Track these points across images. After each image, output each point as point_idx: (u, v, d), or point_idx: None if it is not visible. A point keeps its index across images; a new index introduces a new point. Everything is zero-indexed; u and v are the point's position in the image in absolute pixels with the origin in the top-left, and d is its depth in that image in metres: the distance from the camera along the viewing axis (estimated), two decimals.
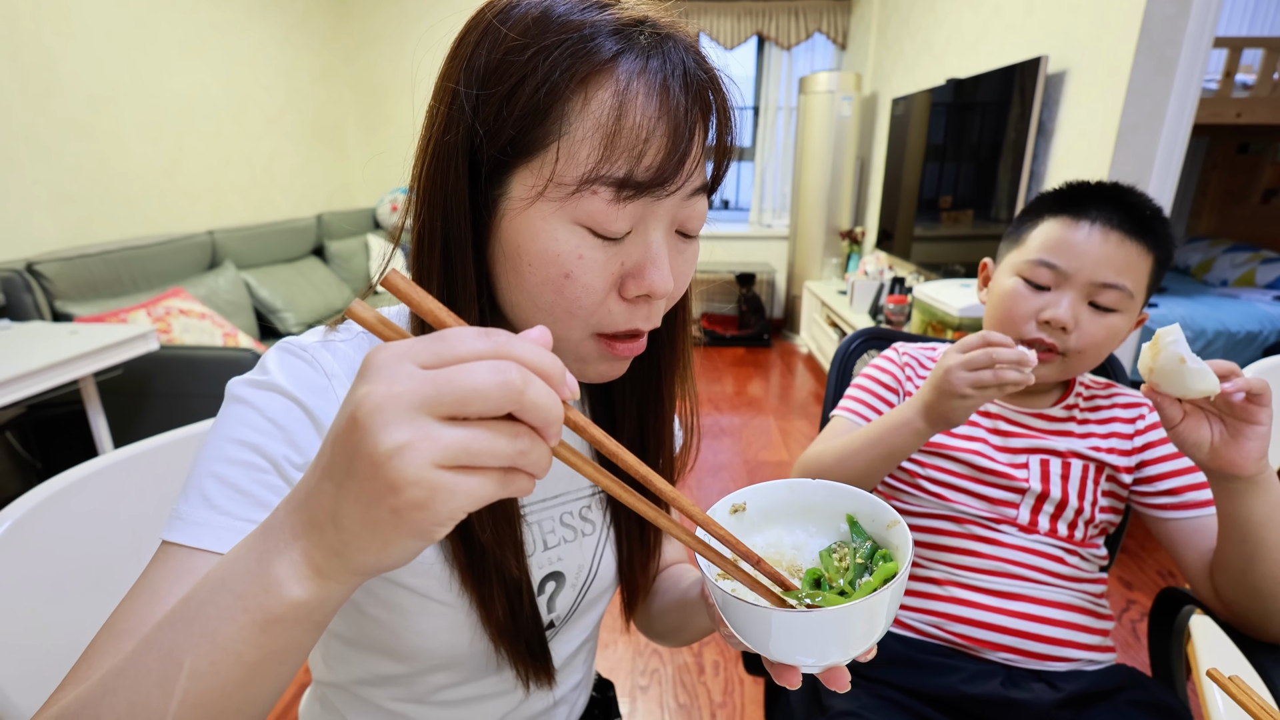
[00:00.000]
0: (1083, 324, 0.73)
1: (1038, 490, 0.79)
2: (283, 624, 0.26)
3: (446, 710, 0.55)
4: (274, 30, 3.41)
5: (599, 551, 0.57)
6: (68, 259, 2.04)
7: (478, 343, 0.24)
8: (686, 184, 0.39)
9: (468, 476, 0.23)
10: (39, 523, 0.57)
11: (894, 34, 3.60)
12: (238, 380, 0.42)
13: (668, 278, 0.40)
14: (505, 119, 0.37)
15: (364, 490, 0.23)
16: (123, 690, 0.27)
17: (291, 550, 0.26)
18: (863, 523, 0.41)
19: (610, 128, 0.36)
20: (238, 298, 2.69)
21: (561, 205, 0.38)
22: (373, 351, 0.24)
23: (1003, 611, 0.76)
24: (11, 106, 2.08)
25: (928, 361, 0.90)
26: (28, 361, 1.39)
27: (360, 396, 0.23)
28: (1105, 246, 0.72)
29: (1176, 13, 1.73)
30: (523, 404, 0.23)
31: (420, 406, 0.22)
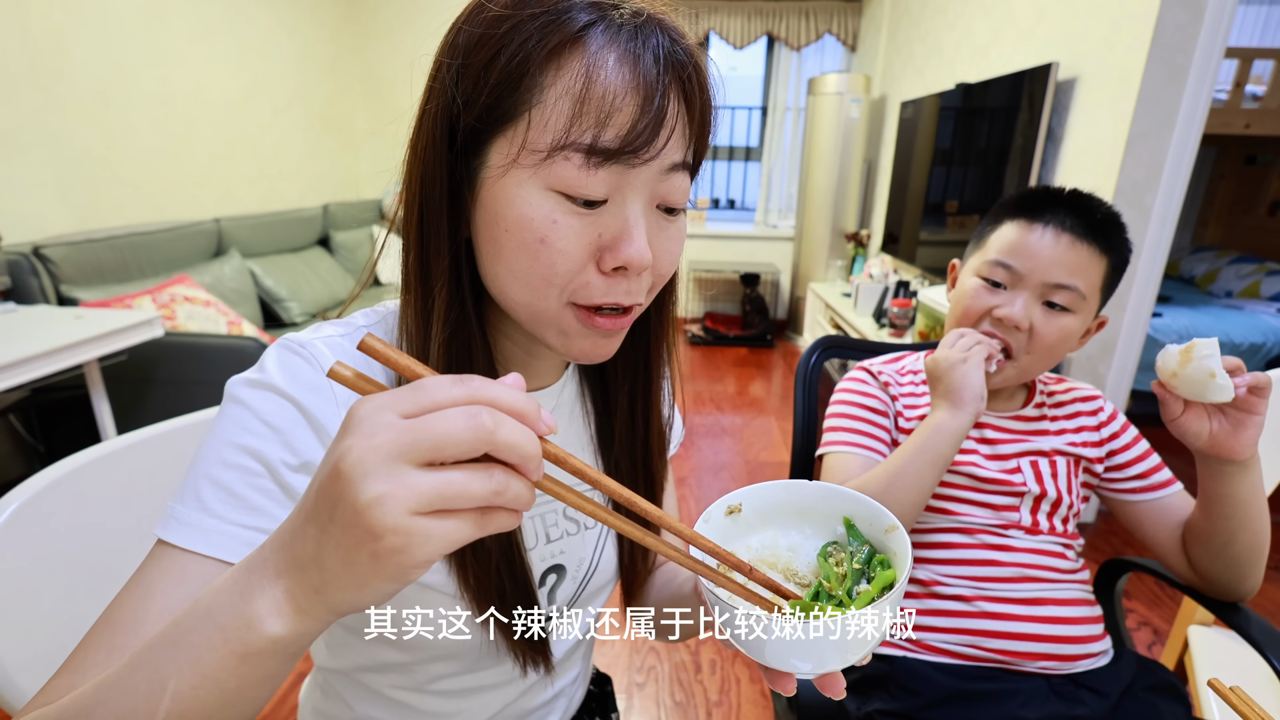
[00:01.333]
0: (1036, 323, 0.76)
1: (1035, 491, 0.82)
2: (260, 657, 0.27)
3: (446, 700, 0.55)
4: (284, 19, 3.41)
5: (600, 545, 0.57)
6: (74, 243, 2.04)
7: (453, 390, 0.25)
8: (661, 156, 0.39)
9: (443, 520, 0.25)
10: (44, 507, 0.57)
11: (904, 37, 3.59)
12: (236, 379, 0.42)
13: (644, 250, 0.40)
14: (481, 89, 0.38)
15: (345, 536, 0.25)
16: (113, 703, 0.28)
17: (274, 588, 0.27)
18: (860, 526, 0.40)
19: (580, 94, 0.37)
20: (243, 286, 2.70)
21: (535, 171, 0.38)
22: (355, 405, 0.25)
23: (1032, 619, 0.78)
24: (21, 90, 2.08)
25: (904, 375, 0.91)
26: (32, 345, 1.39)
27: (344, 449, 0.24)
28: (1057, 248, 0.75)
29: (1189, 21, 1.73)
30: (495, 444, 0.25)
31: (398, 455, 0.24)
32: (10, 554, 0.53)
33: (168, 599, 0.37)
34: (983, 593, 0.80)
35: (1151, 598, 1.82)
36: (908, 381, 0.90)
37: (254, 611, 0.27)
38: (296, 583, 0.27)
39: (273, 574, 0.27)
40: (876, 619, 0.33)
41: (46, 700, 0.35)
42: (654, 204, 0.42)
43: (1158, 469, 0.83)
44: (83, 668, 0.35)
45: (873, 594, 0.36)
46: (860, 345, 1.03)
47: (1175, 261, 3.92)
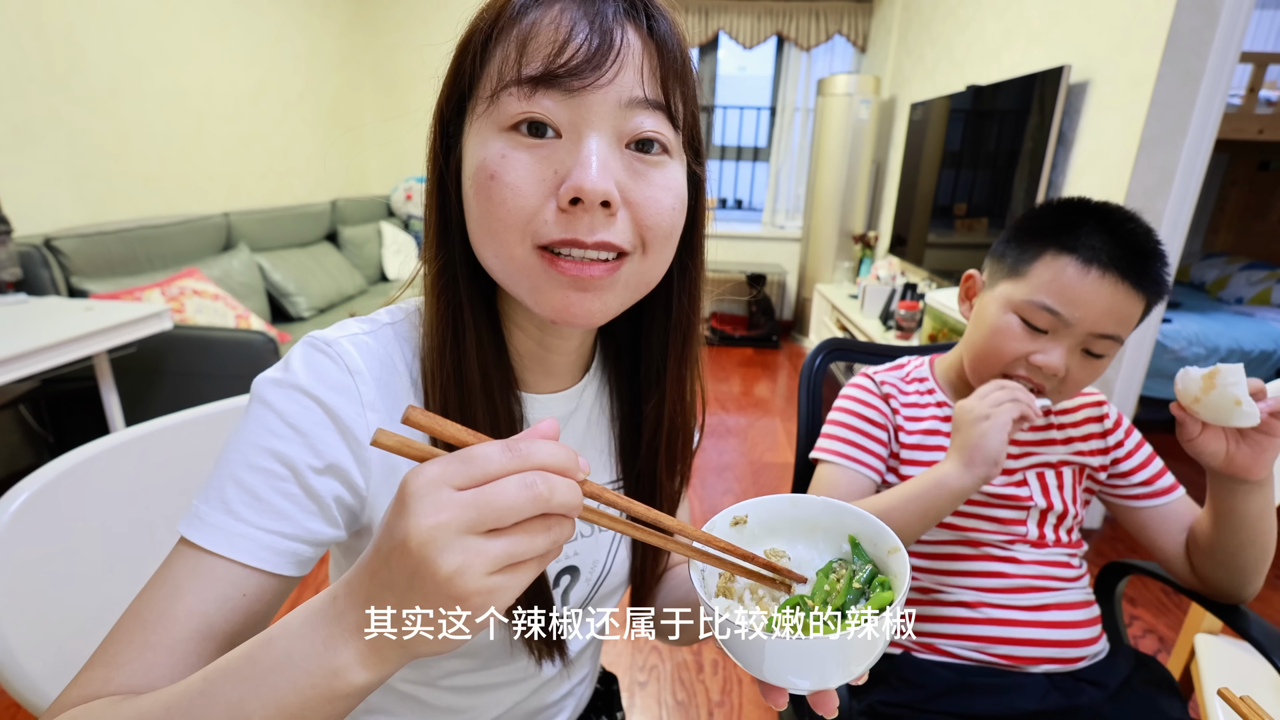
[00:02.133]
0: (1072, 370, 0.72)
1: (1041, 505, 0.82)
2: (347, 699, 0.30)
3: (458, 696, 0.56)
4: (296, 15, 3.42)
5: (613, 548, 0.57)
6: (85, 235, 2.06)
7: (503, 458, 0.27)
8: (614, 86, 0.38)
9: (514, 572, 0.28)
10: (54, 497, 0.57)
11: (915, 38, 3.57)
12: (262, 378, 0.43)
13: (598, 177, 0.38)
14: (456, 75, 0.42)
15: (429, 603, 0.27)
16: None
17: (356, 641, 0.29)
18: (865, 545, 0.41)
19: (520, 39, 0.39)
20: (251, 280, 2.71)
21: (487, 119, 0.40)
22: (408, 477, 0.27)
23: (1036, 624, 0.79)
24: (35, 83, 2.09)
25: (909, 382, 0.88)
26: (43, 336, 1.41)
27: (410, 528, 0.26)
28: (1113, 298, 0.69)
29: (1203, 25, 1.72)
30: (551, 506, 0.28)
31: (465, 530, 0.26)
32: (20, 543, 0.54)
33: (196, 599, 0.38)
34: (986, 601, 0.80)
35: (1157, 605, 1.81)
36: (912, 390, 0.87)
37: (340, 662, 0.29)
38: (379, 639, 0.29)
39: (353, 628, 0.29)
40: (869, 640, 0.33)
41: (83, 694, 0.35)
42: (622, 142, 0.40)
43: (1160, 475, 0.83)
44: (116, 662, 0.36)
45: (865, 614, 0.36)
46: (864, 348, 1.01)
47: (1186, 267, 3.89)
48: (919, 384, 0.88)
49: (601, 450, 0.56)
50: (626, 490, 0.57)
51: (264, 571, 0.39)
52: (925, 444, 0.84)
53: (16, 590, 0.53)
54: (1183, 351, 2.81)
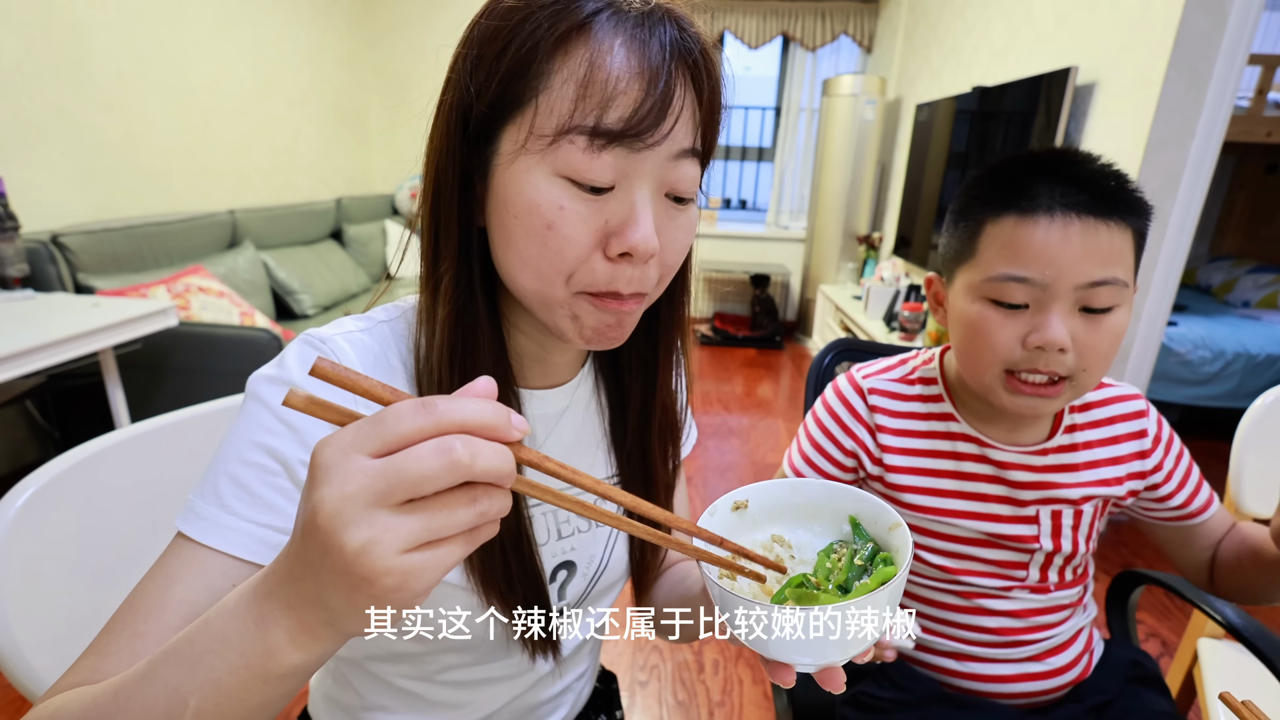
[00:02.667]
0: (1080, 337, 0.60)
1: (1048, 549, 0.71)
2: (283, 679, 0.29)
3: (455, 690, 0.56)
4: (301, 13, 3.43)
5: (611, 543, 0.57)
6: (92, 232, 2.07)
7: (417, 419, 0.24)
8: (668, 141, 0.39)
9: (434, 550, 0.25)
10: (59, 492, 0.58)
11: (921, 39, 3.56)
12: (258, 375, 0.43)
13: (650, 236, 0.40)
14: (493, 77, 0.39)
15: (341, 582, 0.25)
16: (133, 712, 0.30)
17: (287, 619, 0.28)
18: (865, 524, 0.41)
19: (584, 78, 0.38)
20: (256, 278, 2.72)
21: (542, 157, 0.39)
22: (317, 448, 0.25)
23: (1031, 676, 0.74)
24: (43, 80, 2.10)
25: (908, 384, 0.76)
26: (50, 332, 1.41)
27: (316, 500, 0.24)
28: (1082, 237, 0.58)
29: (1211, 28, 1.71)
30: (474, 474, 0.24)
31: (374, 502, 0.24)
32: (26, 538, 0.54)
33: (186, 589, 0.38)
34: (973, 654, 0.75)
35: (1160, 609, 1.81)
36: (913, 394, 0.75)
37: (273, 641, 0.28)
38: (307, 616, 0.27)
39: (283, 607, 0.28)
40: (874, 613, 0.33)
41: (72, 681, 0.36)
42: (662, 191, 0.42)
43: (1197, 493, 0.74)
44: (107, 651, 0.37)
45: (871, 587, 0.36)
46: (875, 348, 0.96)
47: (1192, 270, 3.88)
48: (923, 386, 0.75)
49: (598, 444, 0.56)
50: (623, 482, 0.57)
51: (253, 564, 0.40)
52: (914, 467, 0.73)
53: (22, 585, 0.53)
54: (1188, 355, 2.80)
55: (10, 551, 0.53)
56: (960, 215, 0.67)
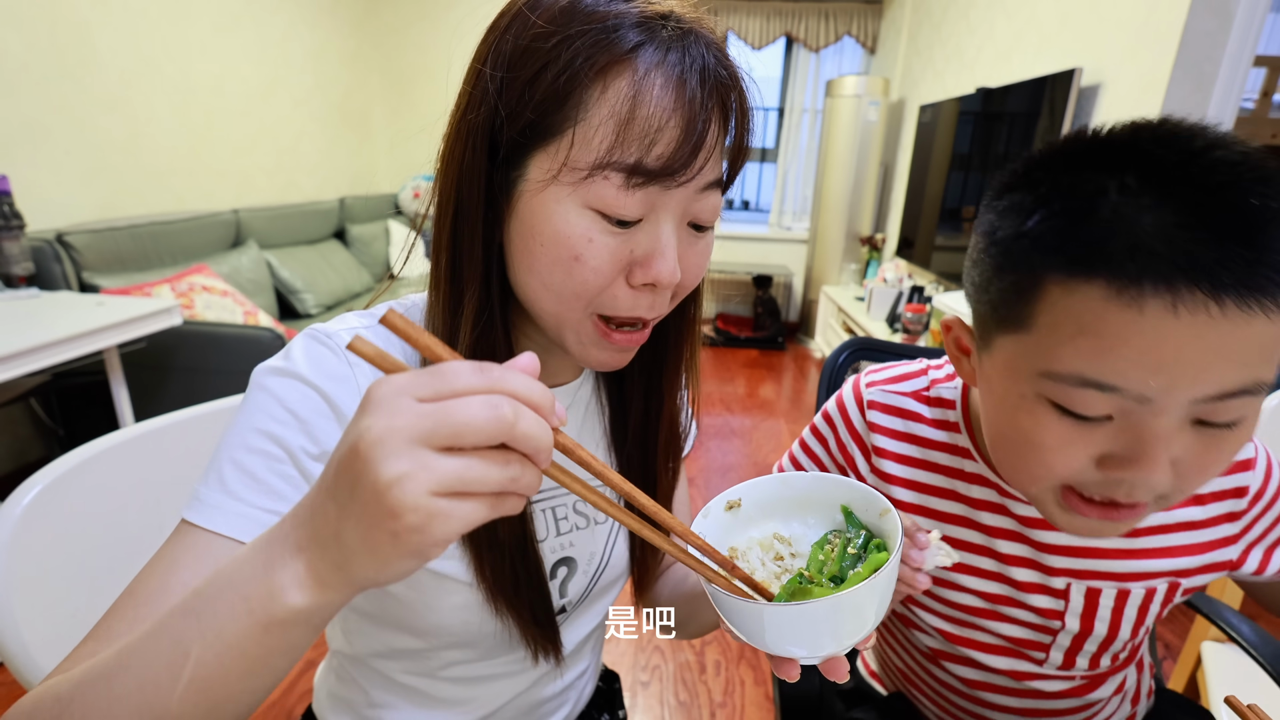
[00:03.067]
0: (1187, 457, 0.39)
1: (1074, 630, 0.55)
2: (284, 627, 0.28)
3: (458, 687, 0.56)
4: (305, 13, 3.44)
5: (611, 541, 0.57)
6: (96, 231, 2.07)
7: (473, 378, 0.25)
8: (699, 176, 0.40)
9: (461, 502, 0.25)
10: (66, 490, 0.58)
11: (925, 40, 3.56)
12: (263, 367, 0.43)
13: (674, 268, 0.41)
14: (526, 103, 0.39)
15: (365, 514, 0.25)
16: (135, 669, 0.29)
17: (296, 561, 0.27)
18: (857, 512, 0.42)
19: (624, 116, 0.37)
20: (259, 277, 2.72)
21: (574, 189, 0.39)
22: (373, 386, 0.26)
23: None
24: (48, 80, 2.11)
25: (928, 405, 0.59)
26: (55, 330, 1.42)
27: (362, 429, 0.25)
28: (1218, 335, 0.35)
29: (1217, 29, 1.70)
30: (514, 435, 0.25)
31: (418, 439, 0.24)
32: (31, 536, 0.54)
33: (189, 573, 0.38)
34: None
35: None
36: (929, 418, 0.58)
37: (277, 583, 0.27)
38: (318, 558, 0.27)
39: (294, 548, 0.28)
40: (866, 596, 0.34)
41: (71, 666, 0.36)
42: (685, 221, 0.43)
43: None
44: (108, 636, 0.36)
45: (864, 575, 0.36)
46: (894, 349, 0.88)
47: None
48: (940, 409, 0.58)
49: (597, 445, 0.57)
50: None
51: None
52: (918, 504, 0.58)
53: (28, 583, 0.54)
54: None
55: (16, 549, 0.53)
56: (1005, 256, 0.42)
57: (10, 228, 1.74)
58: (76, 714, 0.29)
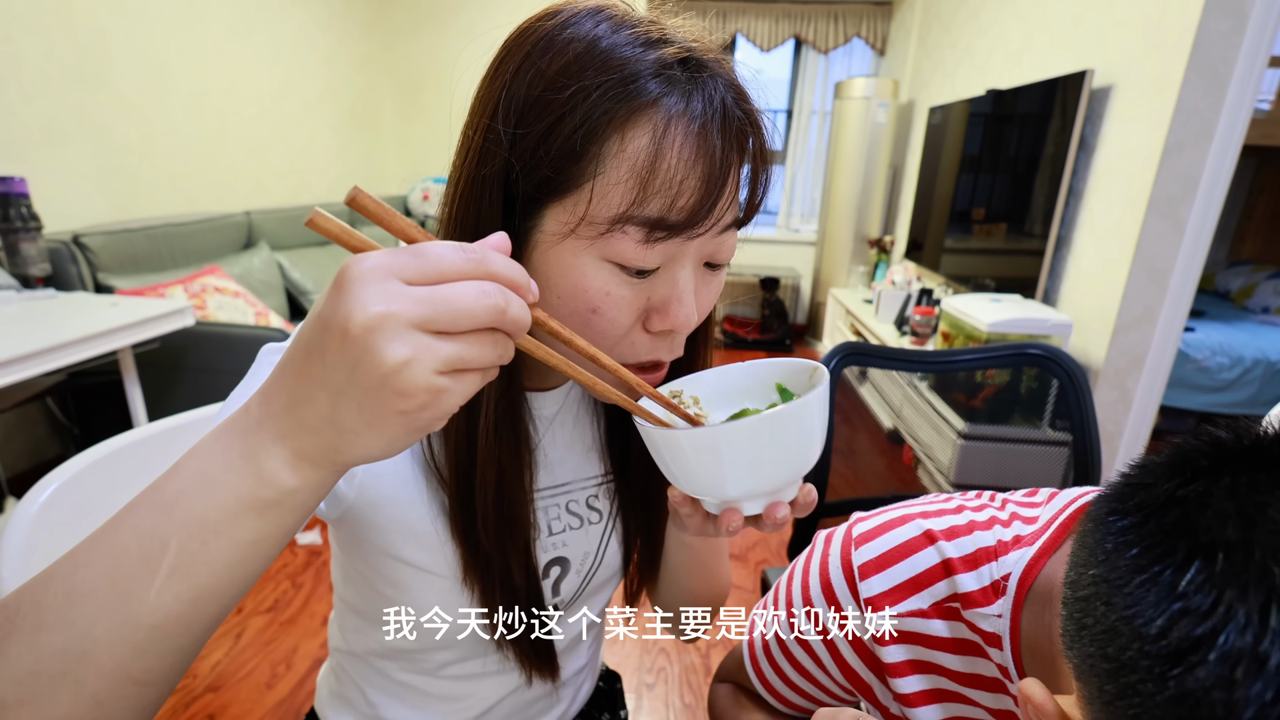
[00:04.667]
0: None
1: None
2: (278, 509, 0.28)
3: (454, 684, 0.57)
4: (317, 16, 3.47)
5: (604, 540, 0.57)
6: (112, 233, 2.10)
7: (459, 261, 0.26)
8: (718, 224, 0.40)
9: (460, 378, 0.27)
10: (81, 488, 0.59)
11: (935, 42, 3.55)
12: (270, 346, 0.45)
13: (692, 314, 0.41)
14: (541, 157, 0.37)
15: (369, 398, 0.25)
16: (98, 565, 0.27)
17: (280, 447, 0.27)
18: (790, 386, 0.43)
19: (645, 171, 0.36)
20: (270, 278, 2.75)
21: (592, 243, 0.38)
22: (349, 262, 0.25)
23: None
24: (66, 84, 2.14)
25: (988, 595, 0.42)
26: (71, 331, 1.44)
27: (353, 310, 0.24)
28: None
29: (1231, 30, 1.69)
30: (504, 321, 0.27)
31: (416, 325, 0.25)
32: (48, 533, 0.55)
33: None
34: None
35: None
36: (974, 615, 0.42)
37: (265, 469, 0.27)
38: (308, 443, 0.27)
39: (275, 435, 0.27)
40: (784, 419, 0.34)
41: None
42: (702, 262, 0.42)
43: None
44: None
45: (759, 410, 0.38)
46: (884, 353, 0.94)
47: (1210, 275, 3.82)
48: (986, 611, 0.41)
49: (590, 447, 0.57)
50: (618, 487, 0.57)
51: None
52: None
53: None
54: (1206, 361, 2.76)
55: (33, 546, 0.54)
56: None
57: (28, 229, 1.77)
58: (28, 617, 0.27)
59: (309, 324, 0.26)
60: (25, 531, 0.53)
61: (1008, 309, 2.07)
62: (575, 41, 0.37)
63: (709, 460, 0.36)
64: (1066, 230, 2.23)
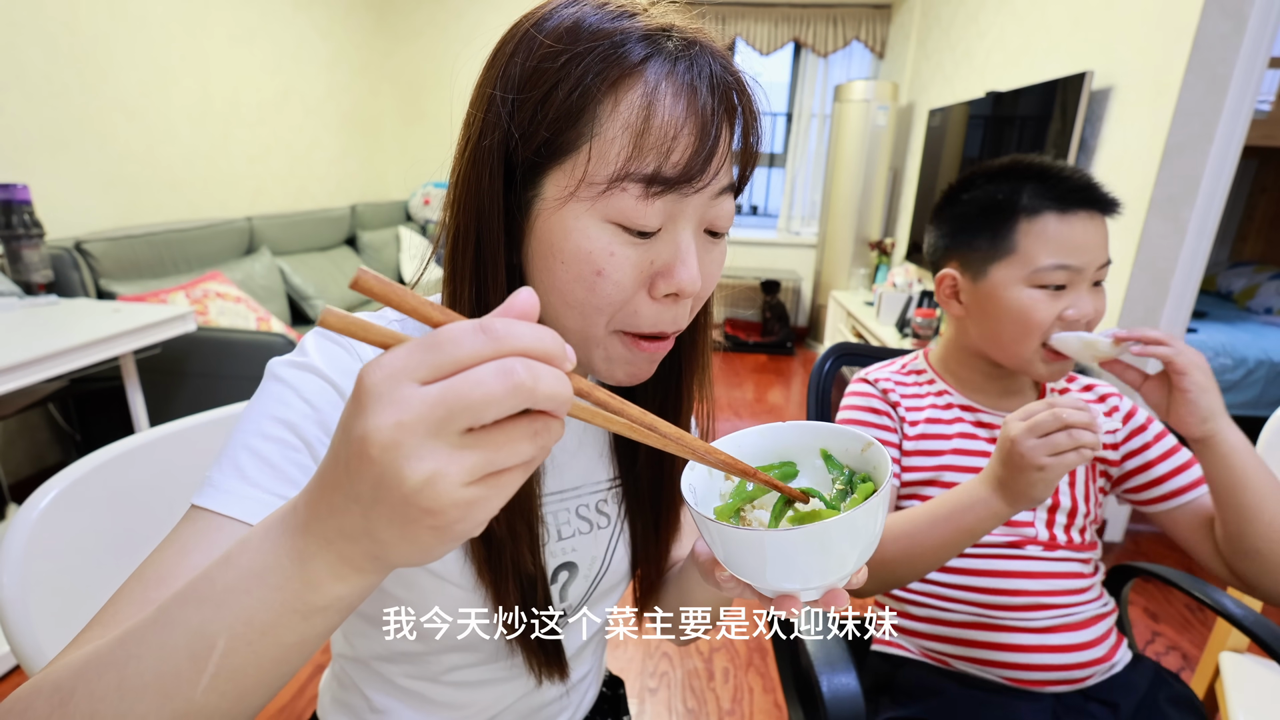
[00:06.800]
0: (1097, 308, 0.75)
1: (1048, 502, 0.79)
2: (325, 613, 0.27)
3: (458, 691, 0.56)
4: (318, 23, 3.49)
5: (613, 545, 0.57)
6: (114, 239, 2.11)
7: (475, 342, 0.23)
8: (714, 182, 0.40)
9: (495, 483, 0.24)
10: (82, 493, 0.59)
11: (934, 44, 3.55)
12: (278, 360, 0.44)
13: (696, 275, 0.41)
14: (539, 122, 0.39)
15: (397, 515, 0.23)
16: (148, 659, 0.28)
17: (326, 553, 0.26)
18: (836, 455, 0.42)
19: (639, 127, 0.38)
20: (272, 283, 2.75)
21: (593, 204, 0.39)
22: (364, 371, 0.23)
23: (1045, 649, 0.75)
24: (68, 91, 2.15)
25: (906, 374, 0.88)
26: (73, 337, 1.44)
27: (368, 429, 0.22)
28: (1095, 227, 0.72)
29: (1231, 31, 1.69)
30: (536, 399, 0.23)
31: (434, 432, 0.22)
32: (49, 539, 0.55)
33: (200, 556, 0.37)
34: (992, 621, 0.77)
35: (1181, 621, 1.77)
36: (911, 381, 0.87)
37: (313, 574, 0.26)
38: (351, 550, 0.26)
39: (321, 541, 0.26)
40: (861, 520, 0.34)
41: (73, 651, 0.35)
42: (702, 228, 0.43)
43: (1184, 468, 0.78)
44: (114, 621, 0.35)
45: (858, 502, 0.36)
46: (873, 352, 1.03)
47: (1212, 276, 3.82)
48: (917, 375, 0.88)
49: (600, 452, 0.57)
50: (625, 492, 0.57)
51: None
52: (929, 433, 0.82)
53: (46, 584, 0.54)
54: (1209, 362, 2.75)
55: (34, 552, 0.54)
56: (979, 221, 0.77)
57: (30, 236, 1.77)
58: (82, 705, 0.28)
59: (337, 434, 0.25)
60: (26, 537, 0.53)
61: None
62: (566, 18, 0.40)
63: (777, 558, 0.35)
64: None
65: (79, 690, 0.28)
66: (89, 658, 0.29)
